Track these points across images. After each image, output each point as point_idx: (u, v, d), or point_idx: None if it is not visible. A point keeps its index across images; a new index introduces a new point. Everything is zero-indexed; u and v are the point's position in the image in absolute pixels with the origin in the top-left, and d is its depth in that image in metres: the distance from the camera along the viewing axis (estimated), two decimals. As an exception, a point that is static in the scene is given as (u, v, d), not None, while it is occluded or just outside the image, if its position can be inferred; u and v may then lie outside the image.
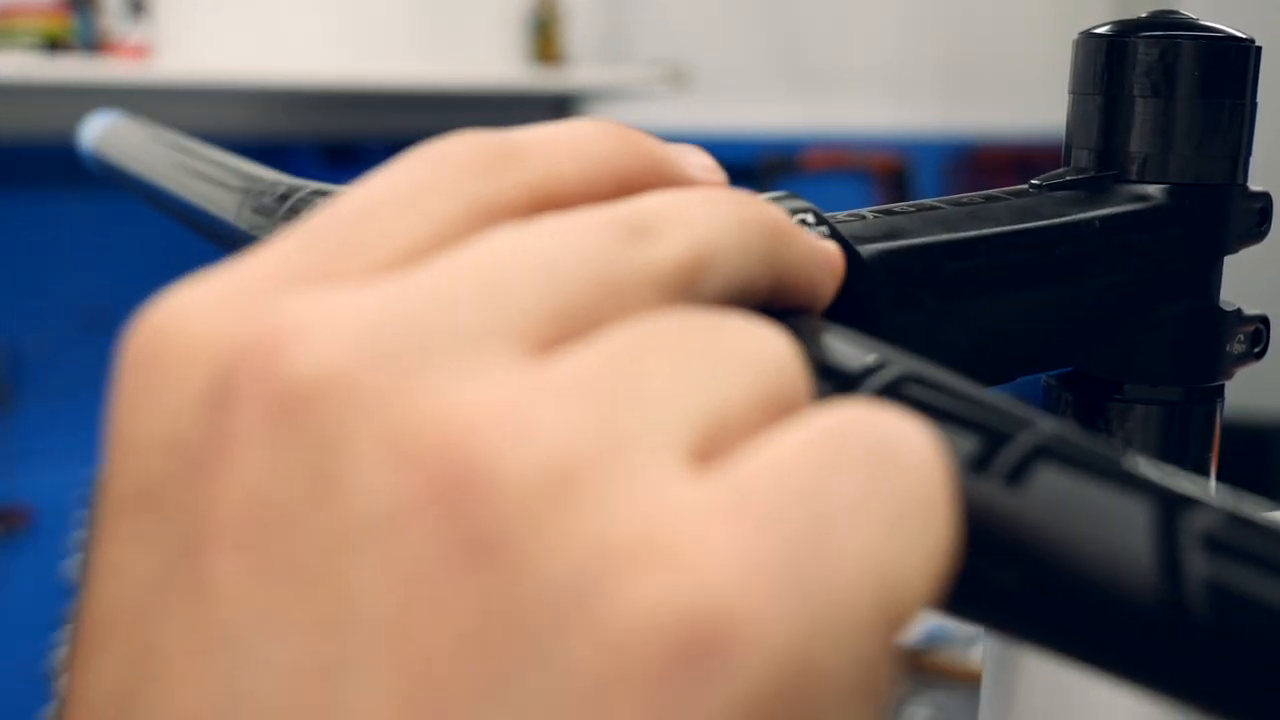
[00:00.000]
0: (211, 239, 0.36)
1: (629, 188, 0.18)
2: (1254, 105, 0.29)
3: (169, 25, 1.98)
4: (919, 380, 0.16)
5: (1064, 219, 0.27)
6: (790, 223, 0.18)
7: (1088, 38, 0.29)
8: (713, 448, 0.14)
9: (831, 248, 0.19)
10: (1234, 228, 0.29)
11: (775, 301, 0.18)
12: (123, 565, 0.15)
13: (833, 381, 0.16)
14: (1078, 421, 0.30)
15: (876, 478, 0.13)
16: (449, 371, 0.14)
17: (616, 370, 0.14)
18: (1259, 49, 0.29)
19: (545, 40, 2.27)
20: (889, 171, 2.50)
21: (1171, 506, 0.14)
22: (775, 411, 0.15)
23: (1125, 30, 0.29)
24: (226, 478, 0.14)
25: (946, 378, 0.16)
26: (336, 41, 2.17)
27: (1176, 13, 0.29)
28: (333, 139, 2.16)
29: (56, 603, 1.93)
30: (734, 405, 0.14)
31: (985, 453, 0.15)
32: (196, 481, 0.14)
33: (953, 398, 0.16)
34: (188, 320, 0.15)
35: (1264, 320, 0.30)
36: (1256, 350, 0.30)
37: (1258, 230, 0.30)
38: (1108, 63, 0.29)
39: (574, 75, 2.28)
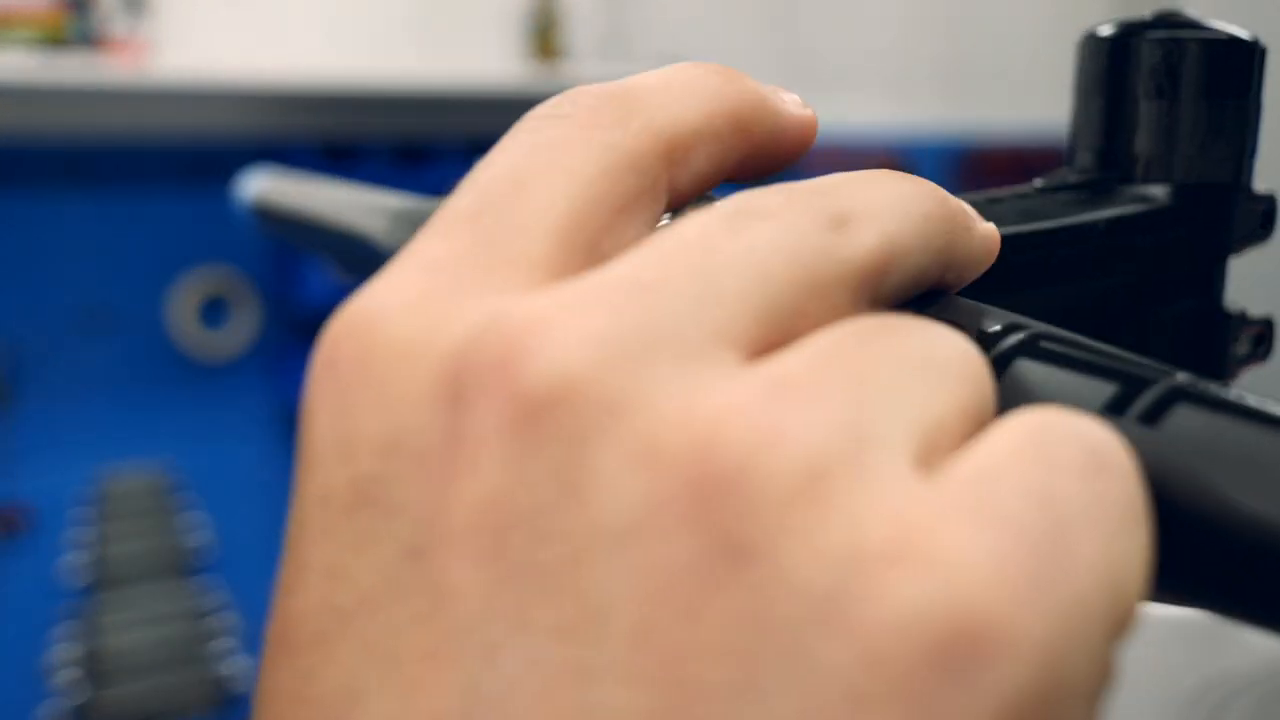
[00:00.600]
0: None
1: (743, 126, 0.18)
2: (1259, 106, 0.29)
3: (167, 24, 1.98)
4: (1054, 338, 0.17)
5: (1068, 220, 0.27)
6: (968, 212, 0.18)
7: (1091, 38, 0.29)
8: (933, 453, 0.14)
9: (994, 233, 0.19)
10: (1239, 229, 0.29)
11: (931, 284, 0.18)
12: (339, 566, 0.15)
13: (980, 343, 0.17)
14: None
15: (1094, 482, 0.13)
16: (680, 375, 0.14)
17: (840, 377, 0.14)
18: (1263, 49, 0.28)
19: (545, 37, 2.27)
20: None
21: None
22: (977, 418, 0.15)
23: (1129, 31, 0.28)
24: (464, 481, 0.14)
25: (1080, 338, 0.17)
26: (336, 41, 2.17)
27: (1180, 13, 0.29)
28: (332, 139, 2.16)
29: (56, 602, 1.93)
30: (947, 412, 0.14)
31: (1122, 396, 0.15)
32: (428, 484, 0.14)
33: (1088, 352, 0.16)
34: (394, 319, 0.15)
35: (1269, 322, 0.30)
36: (1261, 351, 0.30)
37: (1262, 231, 0.30)
38: (1112, 63, 0.29)
39: (574, 71, 2.28)
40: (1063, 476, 0.13)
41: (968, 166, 2.92)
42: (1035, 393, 0.16)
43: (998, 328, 0.17)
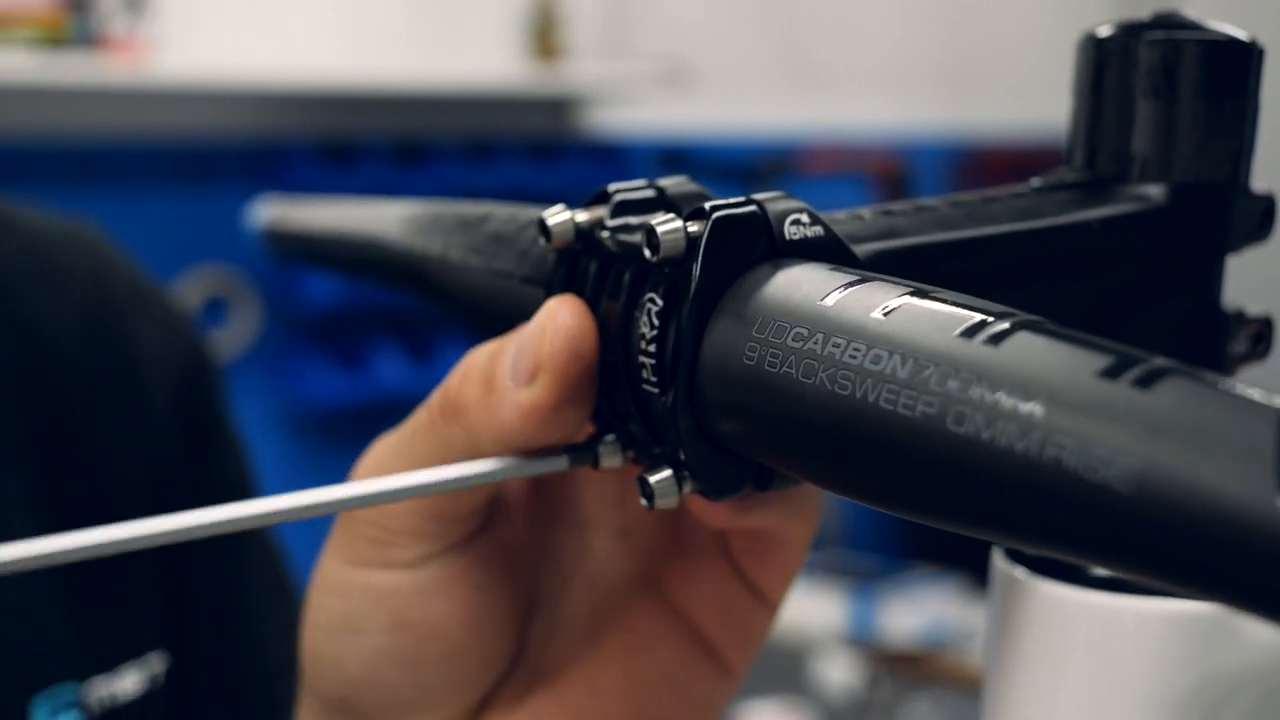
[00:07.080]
0: (401, 283, 0.36)
1: None
2: (1256, 105, 0.29)
3: (167, 24, 1.98)
4: (1054, 324, 0.18)
5: (1063, 220, 0.27)
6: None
7: (1089, 39, 0.29)
8: None
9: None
10: (1236, 229, 0.29)
11: None
12: None
13: (980, 323, 0.18)
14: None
15: None
16: None
17: None
18: (1261, 50, 0.29)
19: (545, 37, 2.27)
20: (889, 171, 2.50)
21: None
22: None
23: (1127, 31, 0.28)
24: None
25: (1077, 331, 0.18)
26: (336, 41, 2.17)
27: (1178, 14, 0.29)
28: (332, 139, 2.16)
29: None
30: None
31: (1117, 365, 0.16)
32: None
33: (1085, 335, 0.17)
34: None
35: (1267, 321, 0.30)
36: (1259, 350, 0.30)
37: (1260, 231, 0.30)
38: (1109, 63, 0.29)
39: (575, 70, 2.28)
40: None
41: (968, 167, 2.92)
42: (1035, 361, 0.17)
43: (999, 311, 0.18)
